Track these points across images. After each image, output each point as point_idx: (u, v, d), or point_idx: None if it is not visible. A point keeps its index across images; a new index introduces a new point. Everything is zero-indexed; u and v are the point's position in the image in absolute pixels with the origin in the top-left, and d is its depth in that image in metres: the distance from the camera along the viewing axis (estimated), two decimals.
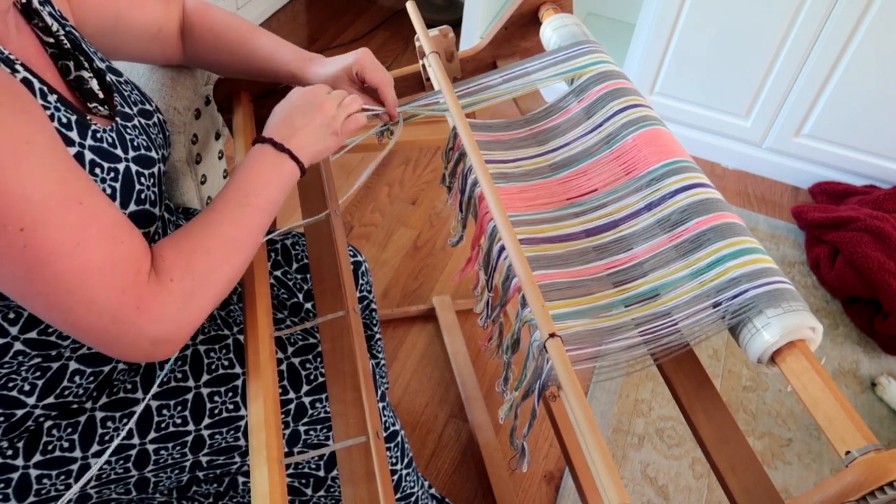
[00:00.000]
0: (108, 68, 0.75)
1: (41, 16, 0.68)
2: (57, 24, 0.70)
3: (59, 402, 0.73)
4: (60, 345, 0.70)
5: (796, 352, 0.61)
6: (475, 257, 0.80)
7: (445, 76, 0.89)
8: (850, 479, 0.52)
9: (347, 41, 2.57)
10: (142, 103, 0.78)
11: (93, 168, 0.64)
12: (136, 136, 0.72)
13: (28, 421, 0.72)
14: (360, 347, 0.72)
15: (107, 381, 0.76)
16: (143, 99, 0.79)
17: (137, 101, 0.77)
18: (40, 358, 0.70)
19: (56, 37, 0.69)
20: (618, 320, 0.67)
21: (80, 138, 0.63)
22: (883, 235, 1.71)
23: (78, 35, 0.73)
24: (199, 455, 0.79)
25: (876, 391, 1.58)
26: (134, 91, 0.78)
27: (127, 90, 0.76)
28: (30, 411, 0.71)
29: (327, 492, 0.90)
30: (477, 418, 1.40)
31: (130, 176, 0.67)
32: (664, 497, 1.35)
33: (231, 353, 0.82)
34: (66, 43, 0.69)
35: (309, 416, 0.84)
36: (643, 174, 0.79)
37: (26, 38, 0.66)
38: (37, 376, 0.70)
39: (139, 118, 0.75)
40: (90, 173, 0.63)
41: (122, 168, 0.67)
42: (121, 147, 0.68)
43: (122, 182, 0.66)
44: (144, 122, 0.76)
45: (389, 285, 1.71)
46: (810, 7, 1.79)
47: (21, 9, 0.67)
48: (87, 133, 0.64)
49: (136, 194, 0.68)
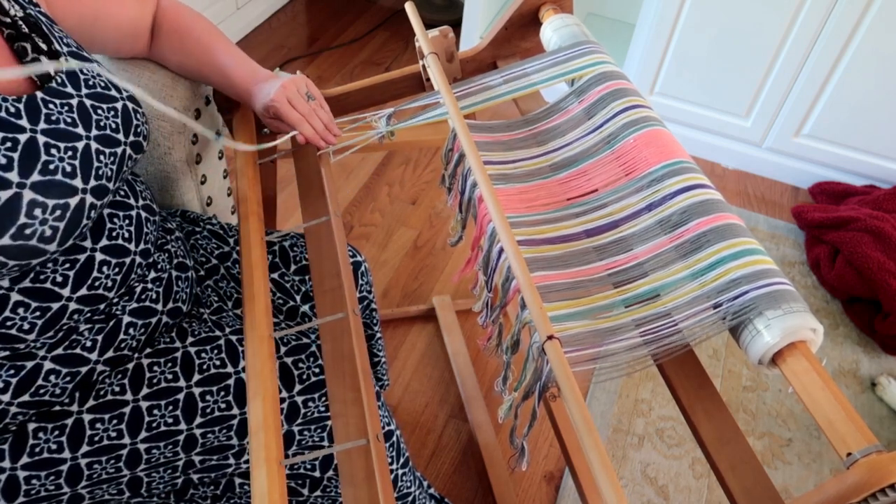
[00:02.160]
0: (72, 53, 0.76)
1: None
2: (16, 7, 0.71)
3: (36, 401, 0.73)
4: (25, 339, 0.70)
5: (797, 353, 0.61)
6: (475, 258, 0.80)
7: (444, 78, 0.89)
8: (852, 481, 0.52)
9: (347, 41, 2.57)
10: (104, 89, 0.77)
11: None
12: (60, 112, 0.71)
13: (5, 418, 0.72)
14: (359, 349, 0.72)
15: (88, 383, 0.76)
16: (108, 86, 0.78)
17: (97, 86, 0.76)
18: (8, 353, 0.70)
19: (13, 18, 0.70)
20: (618, 321, 0.67)
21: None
22: (883, 235, 1.71)
23: (44, 19, 0.74)
24: (191, 454, 0.79)
25: (876, 391, 1.58)
26: (98, 77, 0.77)
27: (87, 75, 0.76)
28: (5, 409, 0.71)
29: (323, 492, 0.90)
30: (477, 418, 1.40)
31: (36, 146, 0.67)
32: (664, 497, 1.35)
33: (223, 353, 0.82)
34: (23, 26, 0.70)
35: (302, 416, 0.84)
36: (643, 175, 0.79)
37: None
38: (10, 374, 0.71)
39: (85, 100, 0.74)
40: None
41: (23, 139, 0.66)
42: (28, 118, 0.67)
43: (20, 152, 0.65)
44: (92, 103, 0.74)
45: (389, 285, 1.71)
46: (810, 7, 1.79)
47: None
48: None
49: (42, 164, 0.67)
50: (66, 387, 0.75)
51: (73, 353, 0.74)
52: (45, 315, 0.70)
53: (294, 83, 0.90)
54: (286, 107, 0.89)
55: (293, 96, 0.89)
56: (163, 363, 0.79)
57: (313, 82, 0.96)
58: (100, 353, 0.76)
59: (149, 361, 0.79)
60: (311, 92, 0.92)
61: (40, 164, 0.66)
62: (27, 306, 0.69)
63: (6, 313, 0.68)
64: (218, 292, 0.94)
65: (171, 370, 0.79)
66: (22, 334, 0.70)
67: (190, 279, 0.87)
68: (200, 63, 0.93)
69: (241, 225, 0.84)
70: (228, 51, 0.93)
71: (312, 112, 0.91)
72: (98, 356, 0.76)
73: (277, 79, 0.91)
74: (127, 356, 0.78)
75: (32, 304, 0.69)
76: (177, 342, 0.81)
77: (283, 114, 0.89)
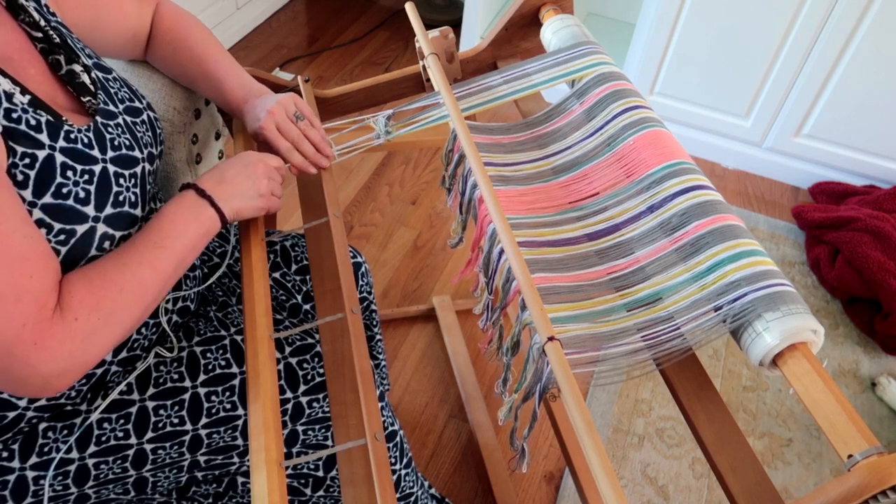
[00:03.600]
0: (95, 65, 0.75)
1: (27, 11, 0.68)
2: (44, 20, 0.70)
3: (52, 405, 0.73)
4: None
5: (798, 354, 0.61)
6: (475, 259, 0.80)
7: (445, 79, 0.89)
8: (853, 483, 0.52)
9: (347, 41, 2.57)
10: (130, 100, 0.77)
11: (64, 171, 0.63)
12: (118, 135, 0.71)
13: (21, 423, 0.72)
14: (359, 350, 0.72)
15: (100, 384, 0.76)
16: (132, 96, 0.78)
17: (125, 99, 0.77)
18: None
19: (45, 32, 0.69)
20: (620, 325, 0.67)
21: (50, 140, 0.63)
22: (883, 235, 1.71)
23: (65, 30, 0.74)
24: (196, 454, 0.79)
25: (876, 391, 1.58)
26: (123, 88, 0.78)
27: (115, 87, 0.76)
28: (21, 413, 0.71)
29: (326, 492, 0.90)
30: (477, 418, 1.40)
31: (107, 178, 0.67)
32: (664, 497, 1.35)
33: (228, 353, 0.82)
34: (55, 37, 0.69)
35: (307, 416, 0.84)
36: (643, 177, 0.79)
37: (10, 35, 0.66)
38: None
39: (125, 116, 0.74)
40: (61, 176, 0.63)
41: (98, 170, 0.66)
42: (98, 147, 0.67)
43: (97, 184, 0.65)
44: (131, 119, 0.75)
45: (389, 285, 1.70)
46: (810, 7, 1.79)
47: (7, 5, 0.67)
48: (58, 134, 0.64)
49: (114, 196, 0.67)
50: (82, 389, 0.74)
51: None
52: None
53: (282, 106, 0.86)
54: (274, 134, 0.85)
55: (281, 122, 0.85)
56: (168, 363, 0.79)
57: (310, 86, 0.95)
58: (114, 353, 0.75)
59: (155, 361, 0.79)
60: (300, 111, 0.88)
61: (112, 197, 0.67)
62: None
63: None
64: (222, 288, 0.95)
65: (176, 370, 0.79)
66: None
67: (197, 278, 0.87)
68: (192, 76, 0.91)
69: (240, 225, 0.84)
70: (221, 63, 0.90)
71: (301, 137, 0.87)
72: (112, 357, 0.75)
73: (269, 95, 0.88)
74: (137, 356, 0.78)
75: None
76: (183, 341, 0.82)
77: (271, 142, 0.85)
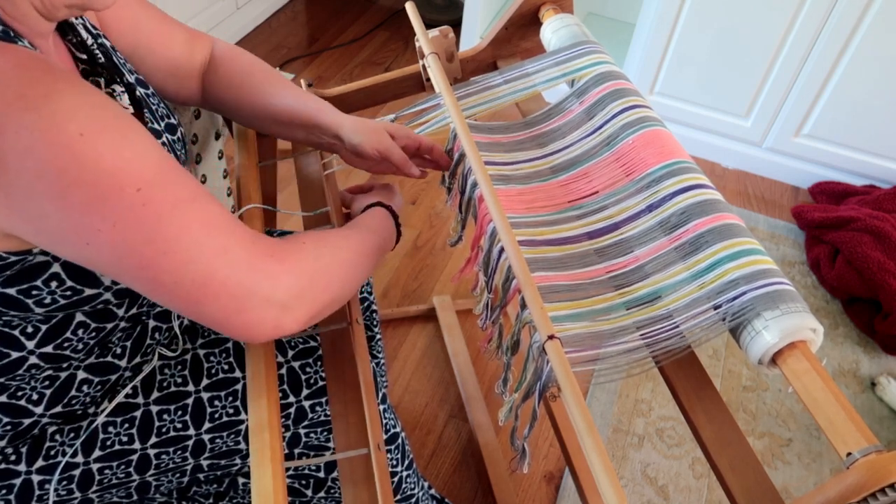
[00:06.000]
0: (137, 81, 0.74)
1: (76, 30, 0.67)
2: (91, 38, 0.69)
3: (67, 412, 0.73)
4: (73, 357, 0.69)
5: (797, 353, 0.61)
6: (475, 258, 0.80)
7: (445, 78, 0.89)
8: (852, 481, 0.52)
9: (347, 41, 2.57)
10: (168, 117, 0.76)
11: None
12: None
13: (34, 429, 0.72)
14: (362, 358, 0.71)
15: (113, 390, 0.76)
16: (168, 112, 0.77)
17: (164, 116, 0.75)
18: (52, 370, 0.69)
19: (90, 51, 0.67)
20: (619, 323, 0.67)
21: None
22: (883, 235, 1.71)
23: (110, 46, 0.72)
24: (199, 459, 0.79)
25: (876, 391, 1.58)
26: (161, 104, 0.76)
27: (154, 103, 0.75)
28: (36, 420, 0.71)
29: (327, 493, 0.90)
30: (477, 418, 1.40)
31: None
32: (664, 497, 1.35)
33: (231, 356, 0.81)
34: (100, 56, 0.68)
35: (309, 420, 0.84)
36: (643, 175, 0.79)
37: (61, 57, 0.65)
38: (45, 386, 0.69)
39: (166, 134, 0.74)
40: None
41: None
42: None
43: None
44: (171, 137, 0.74)
45: (389, 285, 1.71)
46: (810, 7, 1.79)
47: (57, 24, 0.65)
48: None
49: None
50: (96, 395, 0.74)
51: (106, 362, 0.73)
52: (100, 334, 0.69)
53: (385, 128, 0.86)
54: (398, 150, 0.85)
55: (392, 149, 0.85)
56: (172, 366, 0.79)
57: (314, 82, 0.95)
58: (128, 359, 0.75)
59: (160, 363, 0.79)
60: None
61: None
62: (87, 327, 0.67)
63: (67, 334, 0.66)
64: None
65: (180, 373, 0.79)
66: (74, 353, 0.69)
67: None
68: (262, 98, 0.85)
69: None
70: (305, 93, 0.88)
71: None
72: (127, 363, 0.75)
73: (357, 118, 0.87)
74: (148, 360, 0.78)
75: (93, 324, 0.68)
76: (187, 343, 0.82)
77: (393, 158, 0.85)
